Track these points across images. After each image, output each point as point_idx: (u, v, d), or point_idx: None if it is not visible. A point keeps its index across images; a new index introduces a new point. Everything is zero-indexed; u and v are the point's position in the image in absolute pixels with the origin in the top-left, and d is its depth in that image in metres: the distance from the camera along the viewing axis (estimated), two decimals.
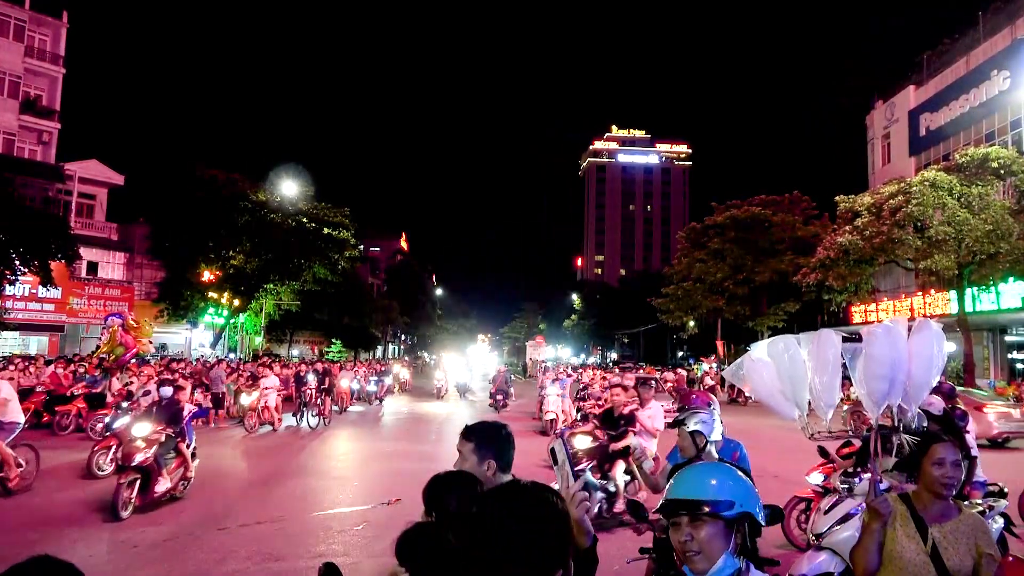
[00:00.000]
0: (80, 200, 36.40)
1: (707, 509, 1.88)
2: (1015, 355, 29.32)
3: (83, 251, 28.26)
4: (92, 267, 36.06)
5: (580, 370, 30.90)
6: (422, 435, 18.19)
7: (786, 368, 3.76)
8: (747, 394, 5.76)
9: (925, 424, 5.67)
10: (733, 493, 1.91)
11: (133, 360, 19.23)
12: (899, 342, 3.57)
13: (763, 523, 1.96)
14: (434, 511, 2.35)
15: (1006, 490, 6.27)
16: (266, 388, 18.17)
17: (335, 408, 21.97)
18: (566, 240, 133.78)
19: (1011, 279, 25.34)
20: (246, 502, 9.39)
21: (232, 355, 36.40)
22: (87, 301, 34.11)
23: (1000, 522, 5.48)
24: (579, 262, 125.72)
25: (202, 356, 31.60)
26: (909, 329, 3.74)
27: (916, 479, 3.04)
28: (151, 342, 32.59)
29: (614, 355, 76.78)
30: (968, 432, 7.00)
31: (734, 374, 4.24)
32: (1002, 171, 23.72)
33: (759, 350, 4.05)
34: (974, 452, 6.46)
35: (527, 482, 1.58)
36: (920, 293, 31.01)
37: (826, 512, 5.59)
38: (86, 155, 36.85)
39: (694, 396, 5.53)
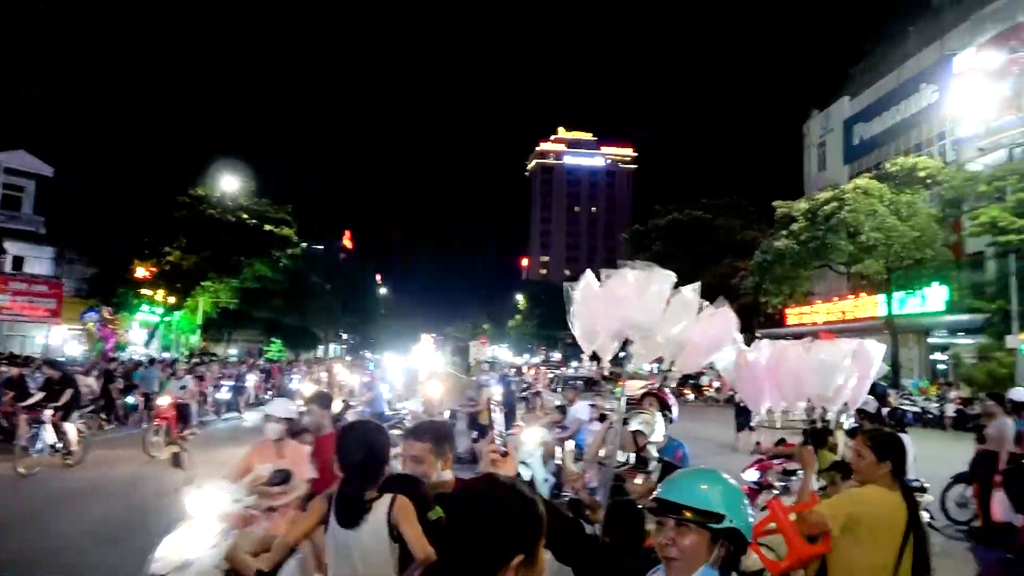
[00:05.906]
0: (6, 192, 34.75)
1: (691, 516, 1.80)
2: (937, 356, 30.57)
3: (8, 245, 27.02)
4: (17, 262, 34.46)
5: (523, 369, 30.94)
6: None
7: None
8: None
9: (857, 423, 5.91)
10: (725, 506, 1.83)
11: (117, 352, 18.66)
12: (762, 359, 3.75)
13: (749, 540, 1.87)
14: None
15: (927, 486, 6.58)
16: None
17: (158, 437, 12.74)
18: (512, 240, 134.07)
19: (935, 283, 26.54)
20: None
21: (166, 354, 35.33)
22: (11, 297, 32.59)
23: (924, 517, 5.71)
24: (524, 262, 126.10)
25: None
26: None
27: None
28: (126, 332, 31.13)
29: (558, 355, 77.27)
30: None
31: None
32: (929, 180, 24.83)
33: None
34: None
35: (500, 476, 1.63)
36: (851, 296, 32.14)
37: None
38: (13, 145, 35.22)
39: (653, 394, 5.59)
